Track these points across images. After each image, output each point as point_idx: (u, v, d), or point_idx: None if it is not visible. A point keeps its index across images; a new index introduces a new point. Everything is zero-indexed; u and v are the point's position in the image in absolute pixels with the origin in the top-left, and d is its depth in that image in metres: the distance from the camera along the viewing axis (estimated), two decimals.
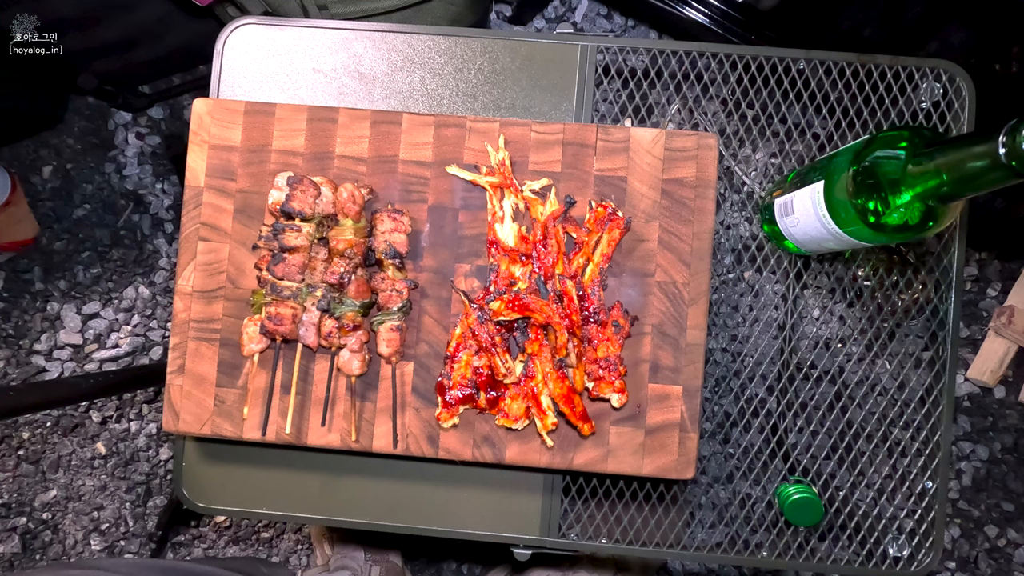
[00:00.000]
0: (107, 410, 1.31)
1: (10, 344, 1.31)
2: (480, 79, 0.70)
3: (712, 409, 0.70)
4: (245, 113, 0.64)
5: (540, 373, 0.61)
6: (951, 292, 0.68)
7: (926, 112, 0.68)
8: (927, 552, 0.67)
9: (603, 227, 0.62)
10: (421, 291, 0.63)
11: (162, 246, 1.34)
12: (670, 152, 0.62)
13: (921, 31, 1.00)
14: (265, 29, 0.70)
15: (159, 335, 1.33)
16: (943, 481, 0.67)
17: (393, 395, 0.62)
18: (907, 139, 0.50)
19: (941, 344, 0.68)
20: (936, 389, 0.68)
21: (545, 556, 0.74)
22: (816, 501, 0.63)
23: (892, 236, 0.53)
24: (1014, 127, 0.40)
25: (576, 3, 1.35)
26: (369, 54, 0.70)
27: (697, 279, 0.62)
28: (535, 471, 0.66)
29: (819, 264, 0.71)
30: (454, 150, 0.63)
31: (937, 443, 0.67)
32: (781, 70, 0.69)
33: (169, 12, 1.10)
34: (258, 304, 0.62)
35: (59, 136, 1.35)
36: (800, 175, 0.61)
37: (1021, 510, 1.26)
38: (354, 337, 0.61)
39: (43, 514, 1.29)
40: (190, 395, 0.63)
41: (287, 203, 0.59)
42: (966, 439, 1.27)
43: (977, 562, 1.25)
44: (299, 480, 0.67)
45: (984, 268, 1.30)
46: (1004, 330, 1.23)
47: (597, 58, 0.69)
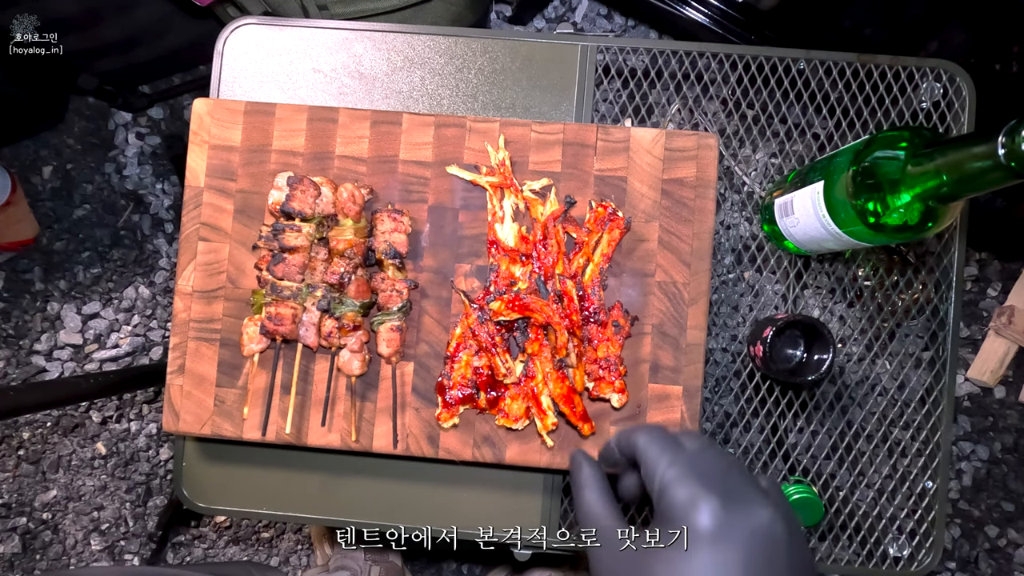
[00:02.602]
0: (107, 410, 1.31)
1: (10, 344, 1.31)
2: (480, 79, 0.70)
3: (712, 409, 0.70)
4: (245, 113, 0.64)
5: (540, 373, 0.61)
6: (951, 292, 0.68)
7: (926, 112, 0.68)
8: (927, 552, 0.67)
9: (603, 227, 0.62)
10: (421, 291, 0.63)
11: (162, 246, 1.34)
12: (670, 152, 0.62)
13: (921, 31, 1.00)
14: (265, 29, 0.70)
15: (159, 335, 1.33)
16: (943, 481, 0.67)
17: (393, 395, 0.62)
18: (907, 139, 0.50)
19: (941, 344, 0.68)
20: (936, 389, 0.68)
21: (545, 556, 0.74)
22: (816, 501, 0.63)
23: (892, 236, 0.53)
24: (1014, 127, 0.40)
25: (576, 3, 1.35)
26: (369, 54, 0.70)
27: (697, 279, 0.62)
28: (535, 471, 0.66)
29: (819, 264, 0.71)
30: (454, 150, 0.63)
31: (937, 443, 0.67)
32: (781, 70, 0.69)
33: (169, 12, 1.10)
34: (258, 304, 0.62)
35: (59, 136, 1.35)
36: (800, 175, 0.61)
37: (1021, 510, 1.26)
38: (354, 337, 0.61)
39: (43, 514, 1.29)
40: (190, 395, 0.63)
41: (287, 203, 0.59)
42: (966, 439, 1.27)
43: (977, 562, 1.25)
44: (299, 480, 0.67)
45: (984, 268, 1.30)
46: (1004, 330, 1.23)
47: (597, 58, 0.69)
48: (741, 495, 0.30)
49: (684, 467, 0.32)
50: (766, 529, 0.30)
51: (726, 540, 0.29)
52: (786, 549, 0.30)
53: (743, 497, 0.30)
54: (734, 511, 0.30)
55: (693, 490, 0.30)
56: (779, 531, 0.30)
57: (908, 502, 0.68)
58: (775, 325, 0.63)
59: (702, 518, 0.29)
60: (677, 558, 0.29)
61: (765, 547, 0.29)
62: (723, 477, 0.31)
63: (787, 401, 0.69)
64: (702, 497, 0.30)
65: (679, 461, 0.32)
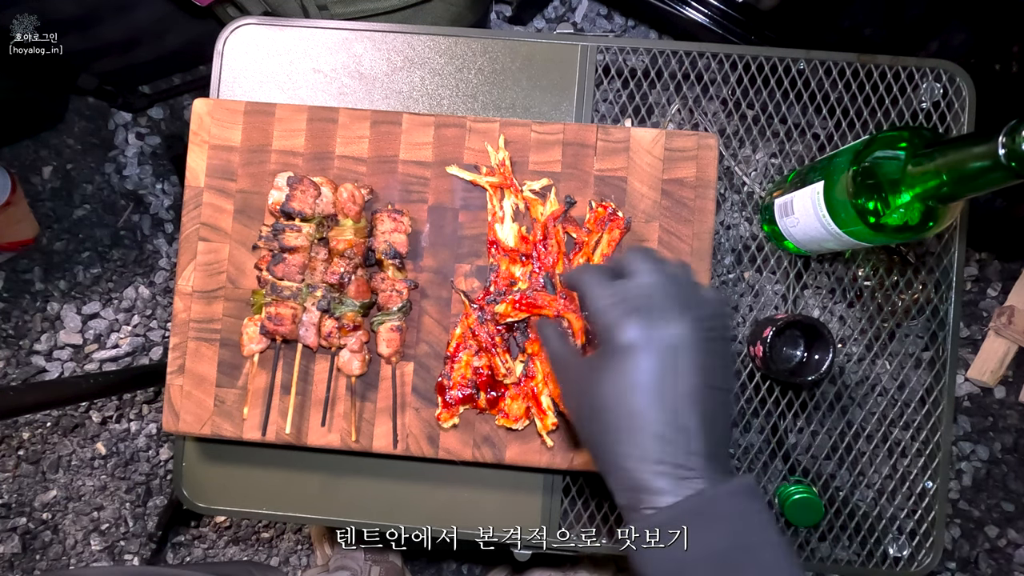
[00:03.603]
0: (107, 410, 1.31)
1: (10, 344, 1.31)
2: (480, 79, 0.70)
3: None
4: (245, 113, 0.64)
5: (540, 373, 0.61)
6: (951, 292, 0.68)
7: (926, 112, 0.68)
8: (927, 552, 0.67)
9: (603, 227, 0.62)
10: (421, 291, 0.63)
11: (162, 246, 1.34)
12: (670, 152, 0.62)
13: (921, 31, 1.00)
14: (265, 29, 0.70)
15: (159, 335, 1.33)
16: (943, 481, 0.67)
17: (393, 395, 0.62)
18: (907, 139, 0.50)
19: (941, 344, 0.68)
20: (936, 389, 0.68)
21: (545, 556, 0.74)
22: (816, 501, 0.63)
23: (892, 236, 0.53)
24: (1014, 127, 0.40)
25: (576, 3, 1.35)
26: (369, 54, 0.70)
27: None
28: (535, 471, 0.66)
29: (819, 264, 0.71)
30: (454, 150, 0.63)
31: (937, 443, 0.67)
32: (781, 70, 0.69)
33: (169, 12, 1.10)
34: (258, 304, 0.62)
35: (59, 136, 1.35)
36: (800, 175, 0.61)
37: (1021, 510, 1.26)
38: (354, 337, 0.61)
39: (43, 514, 1.29)
40: (190, 395, 0.63)
41: (287, 203, 0.59)
42: (966, 439, 1.27)
43: (977, 562, 1.24)
44: (299, 480, 0.67)
45: (984, 268, 1.30)
46: (1004, 330, 1.23)
47: (597, 58, 0.69)
48: (658, 316, 0.39)
49: (613, 297, 0.40)
50: (676, 340, 0.38)
51: (644, 351, 0.38)
52: (693, 355, 0.38)
53: (660, 316, 0.39)
54: (650, 328, 0.38)
55: (618, 316, 0.39)
56: (687, 341, 0.38)
57: (908, 502, 0.68)
58: (775, 325, 0.63)
59: (624, 336, 0.38)
60: (611, 367, 0.39)
61: (675, 354, 0.38)
62: (645, 301, 0.39)
63: (787, 401, 0.69)
64: (624, 320, 0.39)
65: (607, 293, 0.41)
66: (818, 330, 0.62)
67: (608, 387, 0.39)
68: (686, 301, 0.40)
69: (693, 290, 0.41)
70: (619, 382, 0.38)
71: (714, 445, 0.38)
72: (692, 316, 0.39)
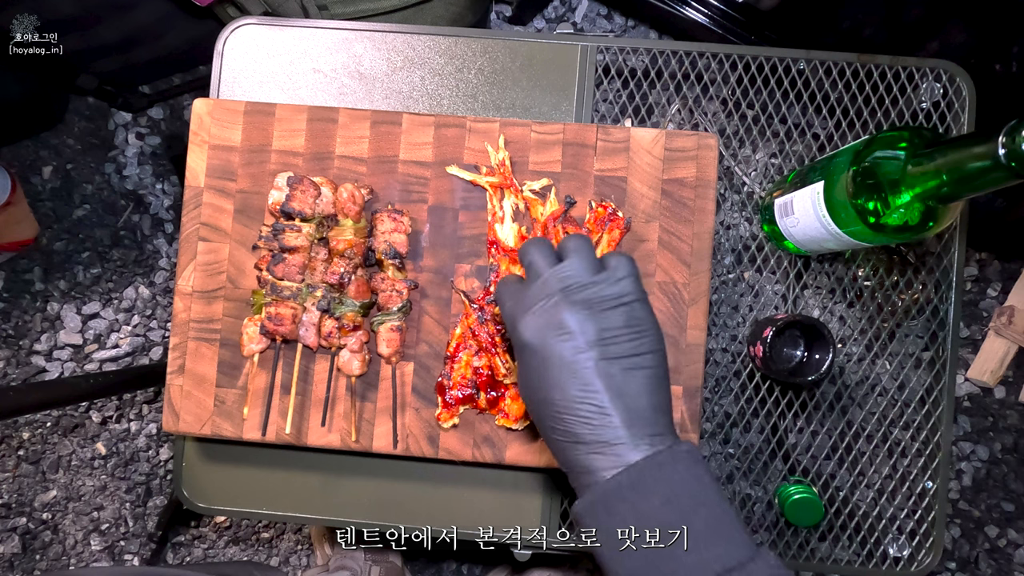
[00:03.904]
0: (107, 410, 1.31)
1: (10, 344, 1.31)
2: (480, 79, 0.70)
3: (712, 409, 0.70)
4: (245, 113, 0.64)
5: None
6: (951, 292, 0.68)
7: (926, 112, 0.68)
8: (927, 552, 0.67)
9: (603, 227, 0.62)
10: (421, 291, 0.63)
11: (162, 246, 1.34)
12: (670, 152, 0.62)
13: (921, 31, 1.00)
14: (265, 29, 0.70)
15: (159, 335, 1.33)
16: (943, 481, 0.67)
17: (393, 395, 0.62)
18: (907, 139, 0.50)
19: (941, 344, 0.68)
20: (936, 389, 0.68)
21: (545, 556, 0.74)
22: (816, 501, 0.63)
23: (892, 236, 0.53)
24: (1014, 127, 0.40)
25: (576, 3, 1.35)
26: (369, 54, 0.70)
27: (697, 279, 0.62)
28: (535, 471, 0.66)
29: (819, 264, 0.71)
30: (454, 150, 0.63)
31: (937, 443, 0.67)
32: (781, 70, 0.69)
33: (169, 12, 1.10)
34: (258, 304, 0.62)
35: (59, 136, 1.35)
36: (800, 175, 0.61)
37: (1021, 510, 1.26)
38: (354, 337, 0.61)
39: (43, 514, 1.29)
40: (190, 395, 0.63)
41: (287, 203, 0.59)
42: (966, 439, 1.27)
43: (977, 562, 1.25)
44: (299, 480, 0.67)
45: (984, 268, 1.30)
46: (1004, 330, 1.23)
47: (597, 58, 0.69)
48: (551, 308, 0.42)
49: (512, 299, 0.44)
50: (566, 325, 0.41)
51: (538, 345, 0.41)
52: (585, 336, 0.40)
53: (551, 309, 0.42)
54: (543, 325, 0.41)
55: (516, 317, 0.43)
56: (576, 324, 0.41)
57: (908, 502, 0.68)
58: (775, 325, 0.63)
59: (522, 335, 0.42)
60: (522, 367, 0.43)
61: (570, 339, 0.40)
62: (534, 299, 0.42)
63: (787, 401, 0.69)
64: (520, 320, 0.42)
65: (508, 295, 0.45)
66: (818, 330, 0.62)
67: (527, 386, 0.42)
68: (575, 286, 0.42)
69: (586, 269, 0.43)
70: (531, 378, 0.41)
71: (634, 415, 0.39)
72: (581, 299, 0.41)
